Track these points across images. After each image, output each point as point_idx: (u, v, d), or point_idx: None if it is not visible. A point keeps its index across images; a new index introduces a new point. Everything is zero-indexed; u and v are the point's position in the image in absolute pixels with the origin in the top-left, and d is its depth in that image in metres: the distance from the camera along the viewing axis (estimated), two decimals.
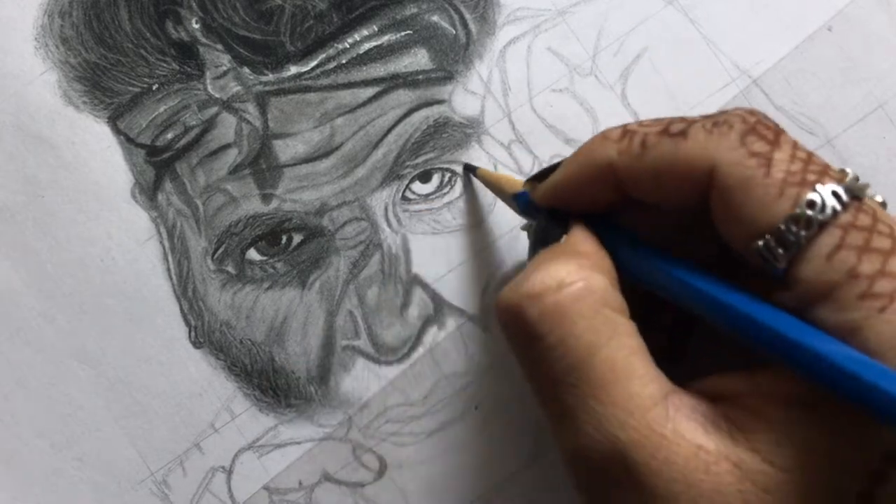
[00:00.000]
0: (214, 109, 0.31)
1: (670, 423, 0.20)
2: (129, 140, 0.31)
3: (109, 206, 0.31)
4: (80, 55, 0.31)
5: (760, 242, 0.20)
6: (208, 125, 0.31)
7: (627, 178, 0.22)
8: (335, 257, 0.31)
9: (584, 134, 0.31)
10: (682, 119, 0.22)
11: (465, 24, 0.31)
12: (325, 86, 0.31)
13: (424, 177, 0.31)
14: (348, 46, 0.31)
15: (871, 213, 0.19)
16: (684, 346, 0.26)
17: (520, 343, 0.22)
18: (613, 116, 0.31)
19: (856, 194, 0.19)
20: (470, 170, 0.31)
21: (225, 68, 0.31)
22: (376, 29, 0.31)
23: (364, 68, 0.31)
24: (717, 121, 0.21)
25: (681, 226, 0.23)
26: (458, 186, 0.31)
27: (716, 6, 0.31)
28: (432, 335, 0.31)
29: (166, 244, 0.31)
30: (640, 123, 0.23)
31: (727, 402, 0.20)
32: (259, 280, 0.31)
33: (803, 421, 0.19)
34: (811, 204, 0.19)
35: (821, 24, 0.31)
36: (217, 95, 0.31)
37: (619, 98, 0.31)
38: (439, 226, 0.31)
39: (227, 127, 0.31)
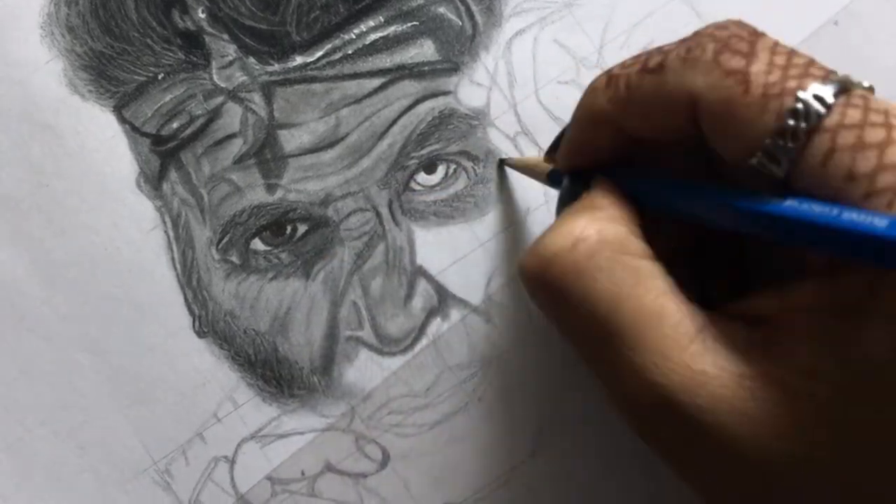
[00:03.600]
0: (220, 99, 0.31)
1: (709, 355, 0.19)
2: (135, 129, 0.31)
3: (114, 196, 0.31)
4: (86, 44, 0.31)
5: (755, 160, 0.19)
6: (214, 115, 0.31)
7: (622, 121, 0.22)
8: (339, 248, 0.31)
9: None
10: (659, 50, 0.22)
11: (471, 16, 0.31)
12: (331, 76, 0.31)
13: (429, 168, 0.31)
14: (354, 37, 0.31)
15: (861, 105, 0.19)
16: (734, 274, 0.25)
17: (548, 306, 0.22)
18: None
19: (843, 88, 0.19)
20: (504, 163, 0.31)
21: (231, 58, 0.31)
22: (382, 20, 0.31)
23: (370, 59, 0.31)
24: (689, 45, 0.21)
25: (687, 160, 0.23)
26: (463, 177, 0.31)
27: (722, 0, 0.31)
28: (436, 326, 0.31)
29: (171, 233, 0.31)
30: (623, 64, 0.23)
31: (763, 322, 0.20)
32: (263, 270, 0.31)
33: (835, 330, 0.18)
34: (794, 113, 0.18)
35: (826, 19, 0.31)
36: (223, 85, 0.31)
37: None
38: (444, 217, 0.31)
39: (232, 117, 0.31)
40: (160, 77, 0.31)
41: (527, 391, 0.30)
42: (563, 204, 0.25)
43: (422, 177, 0.31)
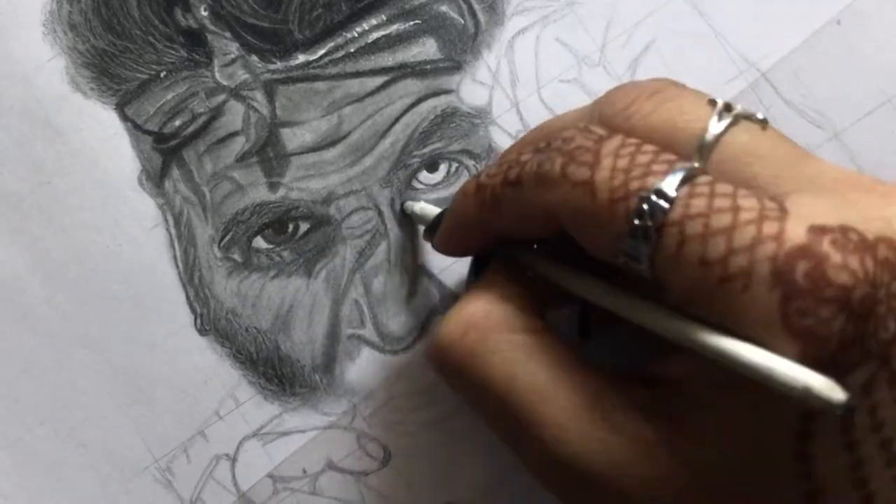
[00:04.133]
0: (222, 97, 0.31)
1: (606, 421, 0.20)
2: (137, 127, 0.31)
3: (116, 193, 0.31)
4: (89, 41, 0.31)
5: (620, 261, 0.20)
6: (216, 113, 0.31)
7: (493, 227, 0.24)
8: (341, 246, 0.31)
9: None
10: (517, 160, 0.22)
11: (473, 14, 0.31)
12: (334, 74, 0.31)
13: (432, 166, 0.31)
14: (357, 35, 0.31)
15: (706, 192, 0.19)
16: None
17: (453, 388, 0.23)
18: None
19: (687, 177, 0.19)
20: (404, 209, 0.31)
21: (233, 56, 0.31)
22: (385, 18, 0.31)
23: (372, 57, 0.31)
24: (540, 160, 0.21)
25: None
26: (465, 176, 0.31)
27: None
28: (438, 325, 0.31)
29: (173, 231, 0.31)
30: (488, 173, 0.23)
31: (663, 387, 0.21)
32: (265, 268, 0.31)
33: (732, 401, 0.19)
34: (640, 214, 0.19)
35: (829, 18, 0.31)
36: (225, 83, 0.31)
37: None
38: None
39: (234, 115, 0.31)
40: (162, 75, 0.31)
41: None
42: (469, 279, 0.27)
43: (424, 175, 0.31)
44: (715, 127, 0.21)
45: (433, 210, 0.29)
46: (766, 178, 0.20)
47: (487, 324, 0.22)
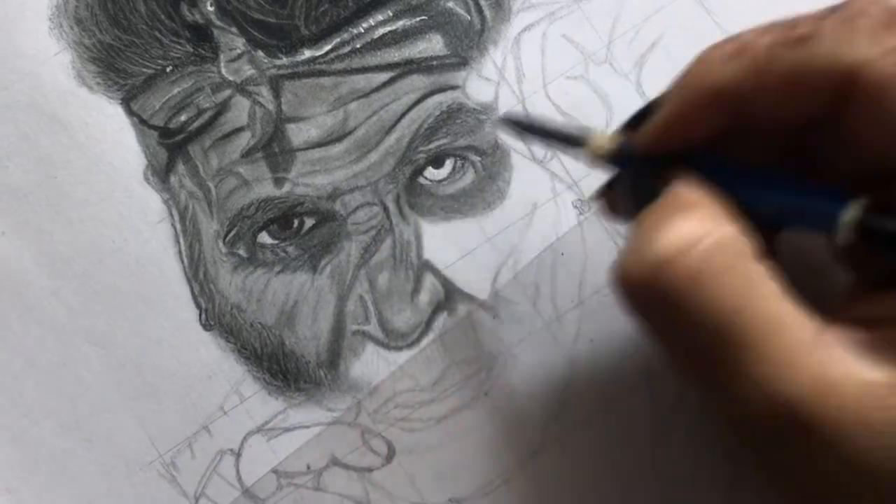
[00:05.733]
0: (228, 92, 0.31)
1: (835, 364, 0.18)
2: (143, 122, 0.31)
3: (122, 188, 0.31)
4: (95, 36, 0.31)
5: None
6: (222, 108, 0.31)
7: (754, 96, 0.20)
8: (346, 242, 0.31)
9: (598, 121, 0.31)
10: (808, 17, 0.19)
11: (479, 11, 0.31)
12: (340, 70, 0.31)
13: (437, 162, 0.31)
14: (363, 31, 0.31)
15: None
16: None
17: (657, 316, 0.20)
18: (628, 105, 0.31)
19: None
20: (514, 123, 0.26)
21: (239, 51, 0.31)
22: (391, 14, 0.31)
23: (378, 53, 0.31)
24: (848, 14, 0.18)
25: (784, 147, 0.21)
26: (471, 172, 0.31)
27: None
28: (442, 321, 0.31)
29: (178, 226, 0.31)
30: (754, 31, 0.20)
31: (885, 325, 0.19)
32: (270, 264, 0.31)
33: None
34: None
35: None
36: (231, 78, 0.31)
37: (634, 86, 0.31)
38: (451, 212, 0.31)
39: (240, 110, 0.31)
40: (168, 70, 0.31)
41: (533, 387, 0.30)
42: (637, 196, 0.22)
43: (429, 171, 0.31)
44: None
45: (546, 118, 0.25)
46: None
47: (715, 243, 0.19)
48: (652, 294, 0.19)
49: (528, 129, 0.26)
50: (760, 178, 0.20)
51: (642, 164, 0.22)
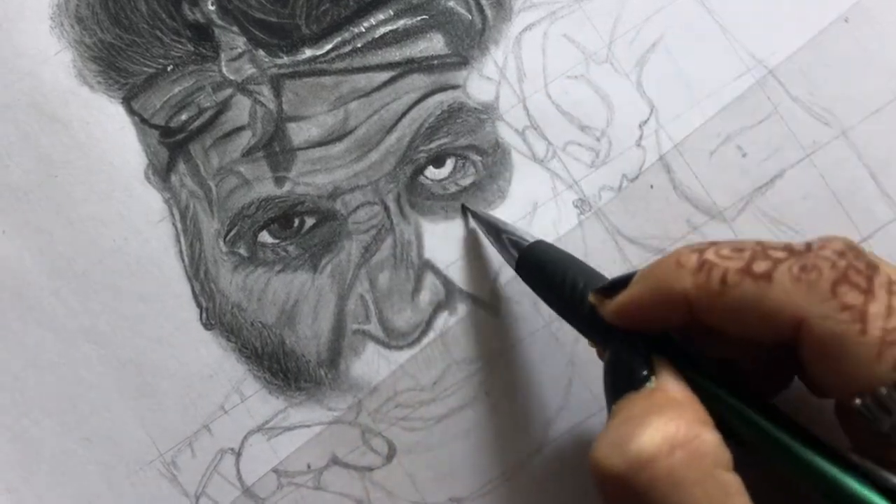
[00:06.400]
0: (229, 91, 0.31)
1: None
2: (143, 121, 0.31)
3: (122, 187, 0.31)
4: (96, 35, 0.31)
5: (859, 401, 0.18)
6: (223, 107, 0.31)
7: (704, 313, 0.21)
8: (347, 241, 0.31)
9: (598, 121, 0.31)
10: (765, 253, 0.20)
11: (481, 10, 0.31)
12: (340, 69, 0.31)
13: (438, 161, 0.31)
14: (364, 30, 0.31)
15: None
16: None
17: (620, 499, 0.20)
18: (629, 104, 0.31)
19: None
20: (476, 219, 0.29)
21: (240, 50, 0.31)
22: (392, 13, 0.31)
23: (379, 52, 0.31)
24: (804, 265, 0.20)
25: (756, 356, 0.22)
26: (472, 171, 0.31)
27: None
28: (443, 320, 0.31)
29: (179, 226, 0.31)
30: (718, 253, 0.21)
31: None
32: (271, 263, 0.31)
33: None
34: None
35: (837, 15, 0.31)
36: (232, 77, 0.31)
37: (635, 86, 0.31)
38: (452, 211, 0.31)
39: (241, 109, 0.31)
40: (169, 69, 0.31)
41: (533, 386, 0.30)
42: (616, 374, 0.23)
43: (430, 170, 0.31)
44: None
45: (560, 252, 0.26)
46: None
47: (696, 449, 0.20)
48: (627, 490, 0.20)
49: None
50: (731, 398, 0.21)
51: (626, 346, 0.23)
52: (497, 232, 0.28)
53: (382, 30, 0.31)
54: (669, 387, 0.21)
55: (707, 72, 0.31)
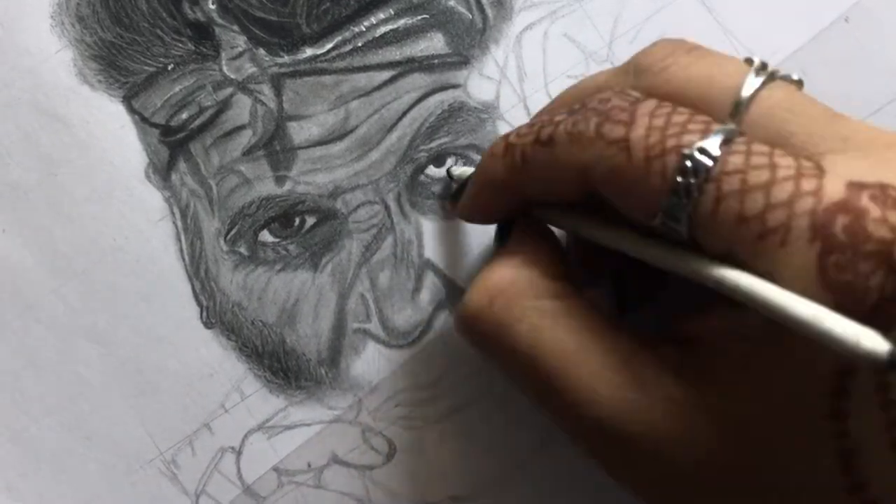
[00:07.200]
0: (229, 90, 0.31)
1: (638, 382, 0.20)
2: (144, 119, 0.31)
3: (123, 186, 0.31)
4: (96, 34, 0.31)
5: (657, 221, 0.20)
6: (223, 106, 0.31)
7: (521, 189, 0.23)
8: (348, 240, 0.31)
9: None
10: (551, 120, 0.22)
11: (481, 9, 0.31)
12: (341, 68, 0.31)
13: (438, 161, 0.31)
14: (364, 29, 0.31)
15: (743, 150, 0.19)
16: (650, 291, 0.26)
17: (485, 357, 0.23)
18: None
19: (727, 137, 0.19)
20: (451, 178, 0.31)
21: (240, 49, 0.31)
22: (392, 12, 0.31)
23: (380, 52, 0.31)
24: (576, 119, 0.21)
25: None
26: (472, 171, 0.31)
27: None
28: (444, 319, 0.31)
29: (179, 224, 0.31)
30: (518, 133, 0.23)
31: (694, 345, 0.20)
32: (271, 262, 0.31)
33: (765, 358, 0.19)
34: (682, 171, 0.19)
35: (837, 15, 0.31)
36: (232, 76, 0.31)
37: None
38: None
39: (241, 108, 0.31)
40: (170, 68, 0.31)
41: None
42: (495, 248, 0.26)
43: (431, 170, 0.31)
44: (752, 82, 0.21)
45: (468, 171, 0.29)
46: (802, 136, 0.20)
47: (513, 290, 0.22)
48: (473, 342, 0.24)
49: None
50: (583, 225, 0.23)
51: (499, 227, 0.26)
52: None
53: (383, 29, 0.31)
54: (510, 245, 0.24)
55: None
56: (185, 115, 0.31)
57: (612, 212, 0.22)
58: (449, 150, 0.31)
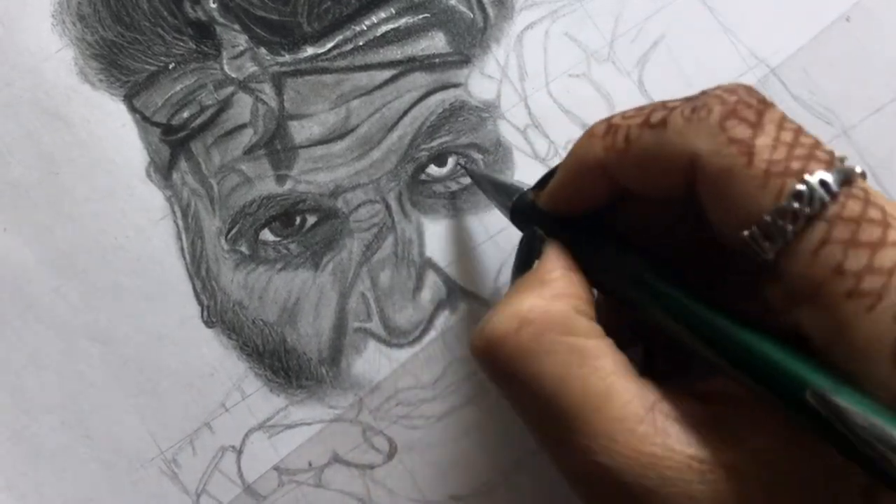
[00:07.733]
0: (230, 89, 0.31)
1: (659, 436, 0.19)
2: (145, 118, 0.31)
3: (124, 185, 0.31)
4: (97, 32, 0.31)
5: (747, 233, 0.19)
6: (224, 105, 0.31)
7: (616, 173, 0.22)
8: (348, 239, 0.31)
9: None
10: (663, 105, 0.21)
11: (482, 8, 0.31)
12: (342, 67, 0.31)
13: (439, 160, 0.31)
14: (365, 28, 0.31)
15: (862, 198, 0.18)
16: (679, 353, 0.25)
17: (497, 385, 0.22)
18: (630, 103, 0.30)
19: (846, 178, 0.18)
20: (469, 172, 0.30)
21: (242, 48, 0.31)
22: (394, 11, 0.31)
23: (381, 51, 0.31)
24: (695, 105, 0.20)
25: (676, 215, 0.23)
26: None
27: None
28: (444, 319, 0.31)
29: (180, 223, 0.31)
30: (624, 115, 0.22)
31: (719, 403, 0.20)
32: (272, 261, 0.31)
33: (794, 425, 0.19)
34: (798, 196, 0.18)
35: (839, 15, 0.31)
36: (233, 75, 0.31)
37: (637, 85, 0.31)
38: (453, 209, 0.31)
39: (242, 107, 0.31)
40: (171, 67, 0.31)
41: None
42: (518, 262, 0.25)
43: (432, 169, 0.31)
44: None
45: (502, 177, 0.28)
46: None
47: (544, 321, 0.21)
48: (490, 367, 0.22)
49: (478, 181, 0.29)
50: (631, 283, 0.22)
51: (528, 236, 0.25)
52: (494, 186, 0.28)
53: (384, 28, 0.31)
54: (543, 267, 0.23)
55: (709, 70, 0.31)
56: (186, 114, 0.31)
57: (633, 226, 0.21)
58: (450, 148, 0.31)
